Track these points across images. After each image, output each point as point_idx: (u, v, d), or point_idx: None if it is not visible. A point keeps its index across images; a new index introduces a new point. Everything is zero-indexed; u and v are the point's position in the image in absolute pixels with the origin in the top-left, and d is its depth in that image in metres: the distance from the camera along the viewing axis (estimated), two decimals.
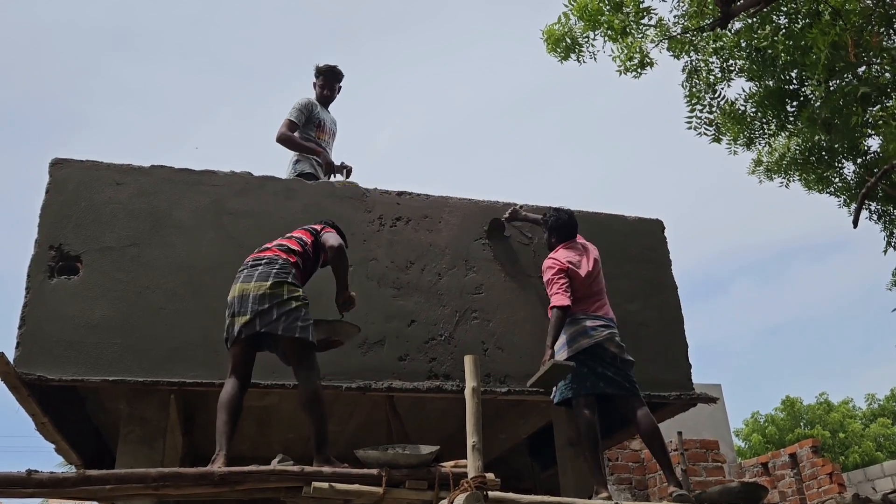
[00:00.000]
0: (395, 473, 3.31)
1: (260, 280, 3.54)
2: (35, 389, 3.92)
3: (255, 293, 3.50)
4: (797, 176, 5.56)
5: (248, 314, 3.47)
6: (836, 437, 24.40)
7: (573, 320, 4.28)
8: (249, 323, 3.47)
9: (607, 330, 4.27)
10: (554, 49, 5.05)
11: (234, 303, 3.55)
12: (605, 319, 4.32)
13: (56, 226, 4.17)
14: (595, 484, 4.00)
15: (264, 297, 3.48)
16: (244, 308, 3.49)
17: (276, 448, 6.27)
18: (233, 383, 3.53)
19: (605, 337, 4.24)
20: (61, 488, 2.96)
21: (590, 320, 4.28)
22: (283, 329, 3.46)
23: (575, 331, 4.25)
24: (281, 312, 3.47)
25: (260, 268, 3.60)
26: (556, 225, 4.61)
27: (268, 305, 3.47)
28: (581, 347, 4.19)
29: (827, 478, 7.72)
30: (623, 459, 7.78)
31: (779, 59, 4.80)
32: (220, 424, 3.44)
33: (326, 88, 5.49)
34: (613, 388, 4.19)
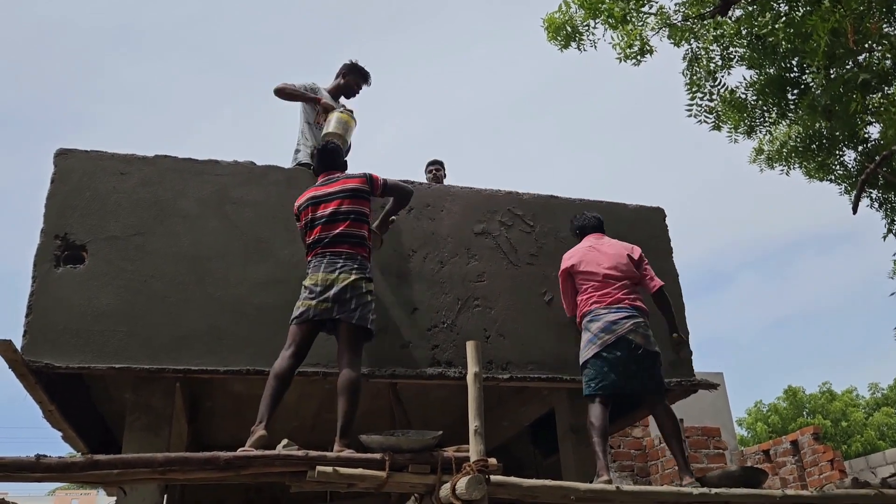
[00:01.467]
0: (399, 458, 3.35)
1: (344, 272, 3.84)
2: (42, 377, 3.96)
3: (341, 284, 3.80)
4: (798, 164, 5.58)
5: (329, 301, 3.78)
6: (839, 427, 24.47)
7: (595, 317, 4.30)
8: (328, 309, 3.78)
9: (631, 321, 4.24)
10: (554, 37, 5.05)
11: (316, 288, 3.82)
12: (629, 310, 4.29)
13: (61, 215, 4.20)
14: (599, 471, 4.04)
15: (347, 289, 3.80)
16: (326, 295, 3.79)
17: (281, 436, 6.30)
18: (288, 357, 3.76)
19: (629, 329, 4.22)
20: (70, 472, 3.01)
21: (611, 314, 4.26)
22: (357, 318, 3.79)
23: (598, 327, 4.26)
24: (359, 303, 3.81)
25: (341, 261, 3.88)
26: (579, 226, 4.78)
27: (349, 296, 3.79)
28: (605, 343, 4.20)
29: (828, 464, 7.77)
30: (625, 447, 7.82)
31: (779, 47, 4.80)
32: (267, 394, 3.67)
33: (351, 82, 5.35)
34: (635, 386, 4.21)
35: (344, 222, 3.96)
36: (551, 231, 5.11)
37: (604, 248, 4.53)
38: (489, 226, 4.98)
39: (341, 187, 4.07)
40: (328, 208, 4.00)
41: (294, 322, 3.84)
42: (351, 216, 3.98)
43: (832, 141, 5.19)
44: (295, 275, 4.19)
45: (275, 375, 3.71)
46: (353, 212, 4.00)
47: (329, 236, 3.93)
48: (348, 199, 4.02)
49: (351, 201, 4.02)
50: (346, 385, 3.65)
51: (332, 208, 3.99)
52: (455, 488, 3.14)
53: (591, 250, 4.52)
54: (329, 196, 4.05)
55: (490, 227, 4.98)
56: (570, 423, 4.92)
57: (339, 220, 3.96)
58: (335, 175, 4.18)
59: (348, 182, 4.10)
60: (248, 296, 4.31)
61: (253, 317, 4.27)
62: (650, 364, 4.25)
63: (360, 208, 4.04)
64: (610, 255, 4.48)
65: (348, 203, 4.01)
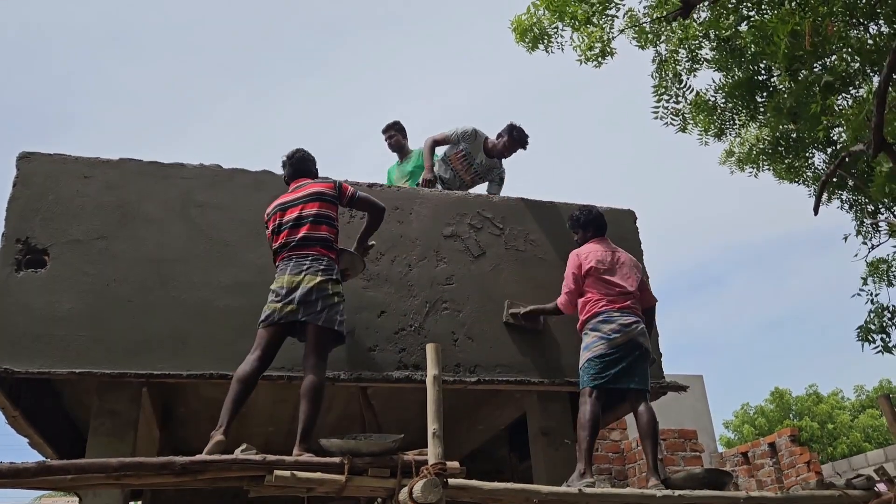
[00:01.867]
0: (358, 461, 3.33)
1: (310, 274, 3.80)
2: (3, 383, 3.93)
3: (305, 286, 3.76)
4: (767, 166, 5.60)
5: (293, 303, 3.73)
6: (825, 429, 24.54)
7: (608, 319, 4.34)
8: (294, 311, 3.73)
9: (639, 325, 4.37)
10: (522, 39, 5.06)
11: (282, 291, 3.78)
12: (636, 316, 4.41)
13: (23, 219, 4.17)
14: (582, 467, 4.05)
15: (312, 290, 3.75)
16: (291, 297, 3.74)
17: (257, 442, 6.26)
18: (253, 360, 3.71)
19: (640, 332, 4.34)
20: (21, 478, 2.97)
21: (624, 317, 4.35)
22: (324, 320, 3.75)
23: (611, 328, 4.31)
24: (325, 305, 3.76)
25: (308, 262, 3.83)
26: (585, 221, 4.72)
27: (314, 297, 3.75)
28: (616, 344, 4.27)
29: (805, 466, 7.79)
30: (603, 450, 7.82)
31: (747, 50, 4.83)
32: (229, 398, 3.63)
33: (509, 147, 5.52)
34: (634, 383, 4.30)
35: (308, 225, 3.93)
36: (521, 234, 5.11)
37: (621, 263, 4.56)
38: (458, 228, 4.97)
39: (308, 191, 4.05)
40: (294, 212, 3.98)
41: (260, 325, 3.82)
42: (317, 219, 3.96)
43: (800, 143, 5.22)
44: (260, 278, 4.17)
45: (238, 379, 3.67)
46: (319, 214, 3.97)
47: (295, 239, 3.90)
48: (313, 202, 4.00)
49: (316, 204, 4.00)
50: (308, 389, 3.62)
51: (297, 212, 3.97)
52: (412, 492, 3.13)
53: (607, 261, 4.52)
54: (295, 201, 4.03)
55: (459, 229, 4.97)
56: (541, 426, 4.90)
57: (304, 223, 3.93)
58: (304, 181, 4.16)
59: (315, 186, 4.09)
60: (212, 299, 4.29)
61: (217, 321, 4.25)
62: (646, 365, 4.38)
63: (326, 211, 4.01)
64: (627, 268, 4.54)
65: (313, 206, 3.98)
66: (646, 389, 4.35)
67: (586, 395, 4.26)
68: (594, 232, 4.70)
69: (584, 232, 4.73)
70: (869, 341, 5.18)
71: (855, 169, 5.04)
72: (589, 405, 4.20)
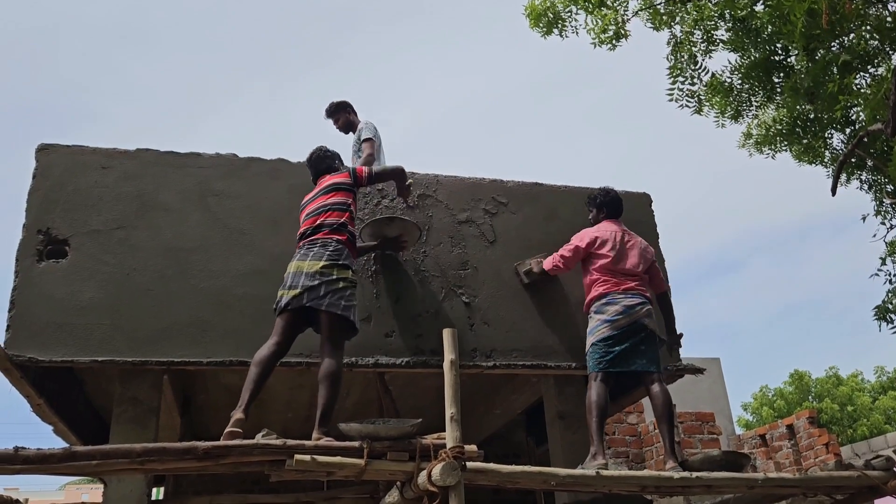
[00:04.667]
0: (377, 446, 3.36)
1: (314, 259, 3.83)
2: (28, 371, 4.00)
3: (308, 271, 3.80)
4: (785, 147, 5.55)
5: (298, 288, 3.77)
6: (845, 411, 24.40)
7: (612, 300, 4.35)
8: (298, 296, 3.76)
9: (645, 307, 4.36)
10: (536, 24, 5.04)
11: (288, 278, 3.84)
12: (642, 297, 4.40)
13: (43, 210, 4.23)
14: (594, 449, 4.06)
15: (315, 275, 3.78)
16: (296, 283, 3.79)
17: (275, 428, 6.32)
18: (270, 345, 3.76)
19: (644, 314, 4.33)
20: (48, 464, 3.03)
21: (628, 299, 4.35)
22: (327, 305, 3.75)
23: (615, 310, 4.32)
24: (328, 290, 3.76)
25: (315, 248, 3.88)
26: (601, 202, 4.73)
27: (317, 282, 3.76)
28: (620, 326, 4.27)
29: (824, 448, 7.77)
30: (620, 433, 7.84)
31: (763, 30, 4.77)
32: (248, 380, 3.68)
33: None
34: (641, 366, 4.28)
35: (322, 214, 4.00)
36: (536, 218, 5.11)
37: (630, 246, 4.55)
38: (473, 214, 4.98)
39: (324, 186, 4.14)
40: (310, 207, 4.08)
41: (275, 313, 3.88)
42: (328, 208, 4.02)
43: (818, 124, 5.16)
44: (277, 266, 4.20)
45: (255, 362, 3.73)
46: (331, 203, 4.04)
47: (309, 229, 3.98)
48: (326, 194, 4.08)
49: (329, 195, 4.07)
50: (324, 374, 3.67)
51: (313, 206, 4.07)
52: (431, 475, 3.16)
53: (619, 244, 4.51)
54: (313, 196, 4.14)
55: (474, 215, 4.98)
56: (558, 409, 4.93)
57: (317, 213, 4.01)
58: (325, 178, 4.22)
59: (331, 178, 4.17)
60: (230, 287, 4.33)
61: (236, 308, 4.29)
62: (655, 346, 4.37)
63: (338, 199, 4.07)
64: (635, 254, 4.52)
65: (325, 197, 4.07)
66: (657, 371, 4.33)
67: (591, 380, 4.27)
68: (608, 213, 4.70)
69: (597, 212, 4.74)
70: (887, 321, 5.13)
71: (874, 148, 4.97)
72: (594, 389, 4.21)
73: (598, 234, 4.55)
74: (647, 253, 4.61)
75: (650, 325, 4.34)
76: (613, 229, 4.59)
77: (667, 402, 4.26)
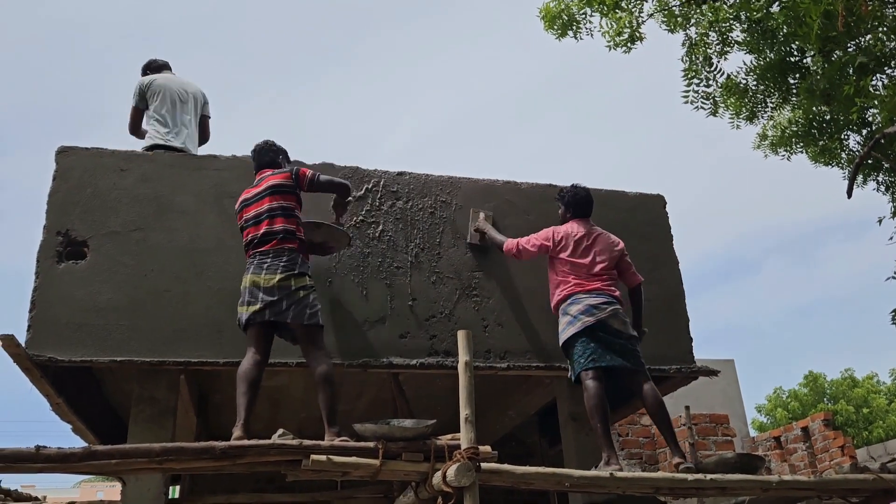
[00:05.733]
0: (392, 446, 3.39)
1: (269, 273, 3.80)
2: (48, 371, 4.05)
3: (266, 285, 3.77)
4: (801, 149, 5.52)
5: (258, 303, 3.75)
6: (861, 413, 24.21)
7: (575, 300, 4.31)
8: (259, 311, 3.75)
9: (611, 307, 4.29)
10: (551, 26, 5.04)
11: (245, 293, 3.82)
12: (609, 297, 4.33)
13: (63, 212, 4.28)
14: (606, 454, 4.03)
15: (273, 290, 3.76)
16: (254, 298, 3.77)
17: (290, 427, 6.36)
18: (249, 357, 3.77)
19: (610, 313, 4.26)
20: (68, 463, 3.08)
21: (592, 298, 4.30)
22: (292, 317, 3.75)
23: (578, 310, 4.28)
24: (290, 303, 3.76)
25: (268, 260, 3.83)
26: (569, 200, 4.65)
27: (277, 297, 3.75)
28: (586, 325, 4.22)
29: (839, 450, 7.72)
30: (633, 434, 7.83)
31: (779, 31, 4.76)
32: (239, 395, 3.67)
33: None
34: (619, 362, 4.22)
35: (267, 220, 3.90)
36: (550, 219, 5.10)
37: (596, 244, 4.47)
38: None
39: (265, 186, 3.99)
40: (252, 210, 3.96)
41: (240, 328, 3.87)
42: (274, 213, 3.91)
43: (834, 125, 5.14)
44: None
45: (240, 378, 3.70)
46: (275, 208, 3.92)
47: (257, 237, 3.90)
48: (269, 196, 3.95)
49: (273, 198, 3.94)
50: (321, 378, 3.70)
51: (256, 209, 3.95)
52: (445, 476, 3.18)
53: (582, 241, 4.44)
54: (255, 197, 3.99)
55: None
56: (571, 411, 4.93)
57: (263, 220, 3.91)
58: (265, 173, 4.11)
59: (272, 178, 4.02)
60: None
61: None
62: (631, 346, 4.29)
63: (283, 203, 3.94)
64: (599, 251, 4.44)
65: (270, 200, 3.94)
66: (641, 370, 4.27)
67: (584, 380, 4.19)
68: (575, 212, 4.60)
69: (565, 210, 4.65)
70: None
71: (891, 150, 4.95)
72: (590, 390, 4.13)
73: (563, 233, 4.48)
74: (614, 249, 4.51)
75: (617, 326, 4.25)
76: (579, 229, 4.50)
77: (658, 401, 4.21)
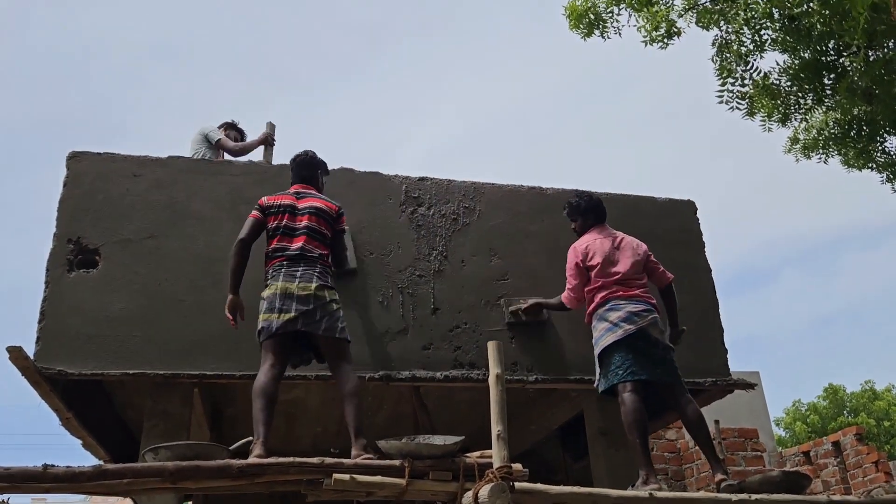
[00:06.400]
0: (419, 464, 3.21)
1: (304, 281, 3.68)
2: (58, 384, 3.90)
3: (300, 293, 3.64)
4: (836, 152, 5.33)
5: (291, 312, 3.60)
6: (882, 426, 23.80)
7: (614, 307, 4.10)
8: (292, 321, 3.60)
9: (650, 315, 4.10)
10: (577, 25, 4.88)
11: (275, 300, 3.64)
12: (648, 304, 4.15)
13: (74, 219, 4.14)
14: (644, 473, 3.82)
15: (309, 299, 3.64)
16: (287, 306, 3.62)
17: (306, 442, 6.24)
18: (267, 370, 3.60)
19: (650, 322, 4.07)
20: (77, 483, 2.92)
21: (632, 305, 4.09)
22: (324, 329, 3.64)
23: (619, 317, 4.06)
24: (323, 314, 3.65)
25: (301, 268, 3.72)
26: (585, 208, 4.45)
27: (312, 307, 3.63)
28: (627, 333, 4.01)
29: (872, 466, 7.45)
30: (659, 450, 7.59)
31: (814, 29, 4.58)
32: (256, 411, 3.50)
33: None
34: (658, 375, 4.02)
35: (305, 237, 3.82)
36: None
37: (623, 249, 4.29)
38: (512, 222, 4.82)
39: (310, 205, 3.92)
40: (288, 220, 3.86)
41: (261, 339, 3.68)
42: (314, 234, 3.85)
43: (873, 126, 4.95)
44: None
45: (258, 393, 3.52)
46: (317, 231, 3.87)
47: (290, 248, 3.78)
48: (312, 216, 3.89)
49: (316, 219, 3.89)
50: (351, 392, 3.59)
51: (293, 222, 3.86)
52: (478, 497, 2.99)
53: (608, 249, 4.26)
54: (294, 209, 3.91)
55: (513, 223, 4.82)
56: (600, 426, 4.73)
57: (300, 235, 3.82)
58: (309, 190, 4.04)
59: (319, 202, 3.96)
60: None
61: None
62: (669, 357, 4.10)
63: (323, 230, 3.90)
64: (627, 254, 4.26)
65: (309, 219, 3.87)
66: (678, 383, 4.08)
67: (621, 393, 3.98)
68: (595, 219, 4.42)
69: (583, 219, 4.44)
70: None
71: None
72: (627, 403, 3.92)
73: (586, 244, 4.29)
74: (639, 250, 4.33)
75: (656, 335, 4.06)
76: (603, 236, 4.32)
77: (698, 415, 4.03)
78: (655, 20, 4.46)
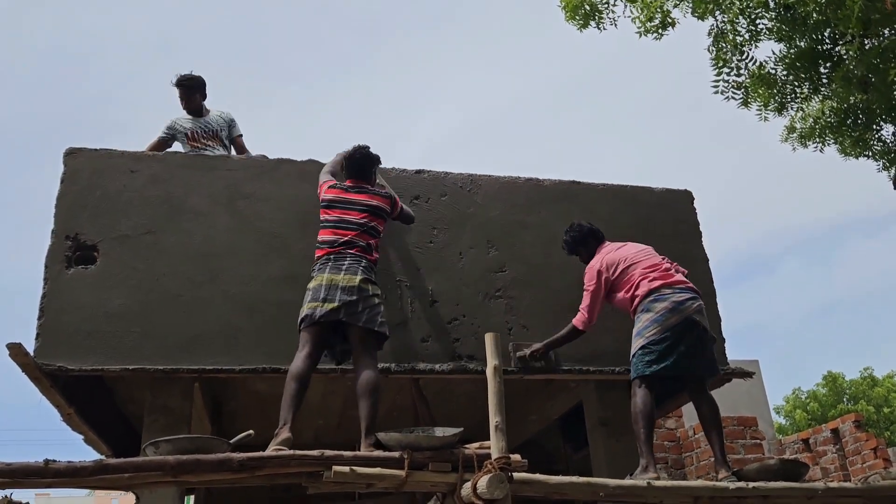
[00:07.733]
0: (418, 456, 3.23)
1: (349, 273, 3.76)
2: (58, 380, 3.91)
3: (346, 285, 3.72)
4: (832, 140, 5.33)
5: (335, 302, 3.67)
6: (881, 413, 23.86)
7: (660, 296, 3.99)
8: (335, 310, 3.67)
9: (695, 302, 4.02)
10: (573, 17, 4.88)
11: (321, 289, 3.73)
12: (691, 291, 4.07)
13: (71, 215, 4.14)
14: (644, 461, 3.81)
15: (352, 290, 3.72)
16: (331, 296, 3.69)
17: (308, 436, 6.26)
18: (304, 358, 3.66)
19: (696, 309, 3.99)
20: (79, 477, 2.93)
21: (677, 294, 4.00)
22: (364, 321, 3.70)
23: (664, 307, 3.95)
24: (365, 306, 3.72)
25: (347, 262, 3.81)
26: (582, 238, 4.43)
27: (355, 298, 3.70)
28: (671, 325, 3.92)
29: (871, 452, 7.48)
30: (659, 438, 7.60)
31: (809, 18, 4.58)
32: (288, 396, 3.57)
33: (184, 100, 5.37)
34: (692, 367, 3.97)
35: (357, 232, 3.91)
36: (573, 218, 4.93)
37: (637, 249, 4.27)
38: (509, 214, 4.82)
39: (370, 203, 4.04)
40: (347, 214, 3.97)
41: (302, 326, 3.75)
42: (370, 232, 3.97)
43: (869, 114, 4.94)
44: (309, 270, 4.07)
45: (293, 377, 3.61)
46: (374, 229, 4.00)
47: (340, 241, 3.88)
48: (370, 215, 4.00)
49: (373, 218, 4.02)
50: (370, 387, 3.60)
51: (351, 216, 3.96)
52: (476, 487, 3.01)
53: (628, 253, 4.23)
54: (357, 205, 4.01)
55: (510, 215, 4.82)
56: (600, 416, 4.75)
57: (354, 230, 3.92)
58: (366, 186, 4.13)
59: (377, 200, 4.08)
60: (262, 292, 4.22)
61: (268, 314, 4.18)
62: (710, 347, 4.06)
63: (379, 227, 4.05)
64: (644, 251, 4.25)
65: (369, 217, 3.99)
66: (712, 375, 4.08)
67: (636, 386, 3.94)
68: (596, 241, 4.41)
69: (585, 247, 4.42)
70: None
71: None
72: (640, 396, 3.90)
73: (605, 260, 4.22)
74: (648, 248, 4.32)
75: (703, 323, 3.99)
76: (613, 248, 4.31)
77: (716, 408, 4.04)
78: (650, 11, 4.45)
